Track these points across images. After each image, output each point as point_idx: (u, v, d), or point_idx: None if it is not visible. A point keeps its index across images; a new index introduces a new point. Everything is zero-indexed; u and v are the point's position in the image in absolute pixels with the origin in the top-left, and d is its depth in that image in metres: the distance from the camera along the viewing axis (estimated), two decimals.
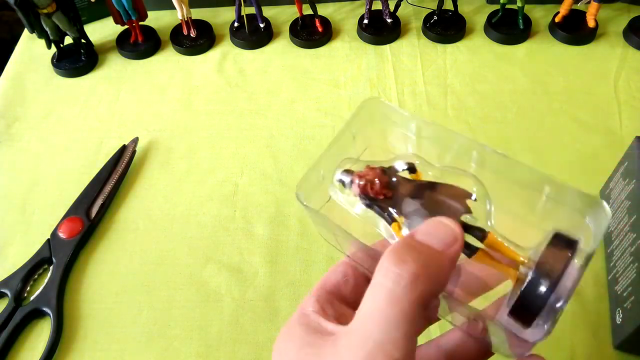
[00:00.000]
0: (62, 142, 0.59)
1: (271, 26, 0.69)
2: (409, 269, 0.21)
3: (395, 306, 0.20)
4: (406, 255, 0.21)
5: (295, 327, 0.25)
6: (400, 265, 0.21)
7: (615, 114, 0.57)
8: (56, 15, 0.61)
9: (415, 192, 0.26)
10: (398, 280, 0.21)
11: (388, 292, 0.21)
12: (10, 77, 0.67)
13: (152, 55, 0.68)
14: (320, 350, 0.22)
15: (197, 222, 0.52)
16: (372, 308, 0.21)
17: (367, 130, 0.31)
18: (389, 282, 0.21)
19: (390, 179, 0.27)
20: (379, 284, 0.21)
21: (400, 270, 0.21)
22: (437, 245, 0.22)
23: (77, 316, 0.46)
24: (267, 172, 0.55)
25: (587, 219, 0.24)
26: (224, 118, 0.60)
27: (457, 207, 0.25)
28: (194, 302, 0.46)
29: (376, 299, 0.21)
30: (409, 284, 0.21)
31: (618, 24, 0.67)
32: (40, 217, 0.53)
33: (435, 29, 0.67)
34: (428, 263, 0.22)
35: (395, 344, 0.20)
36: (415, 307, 0.21)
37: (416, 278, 0.21)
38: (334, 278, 0.27)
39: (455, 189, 0.26)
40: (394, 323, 0.20)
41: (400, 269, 0.21)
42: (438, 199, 0.26)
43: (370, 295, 0.21)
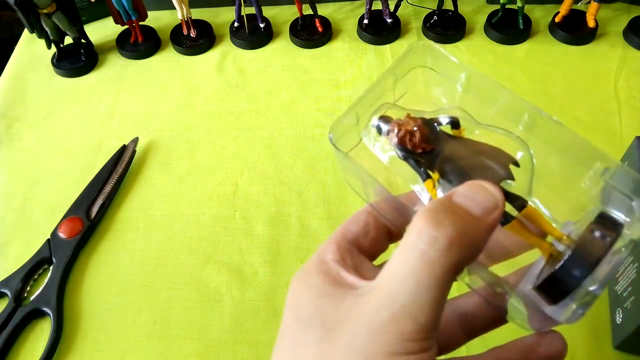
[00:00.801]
0: (62, 142, 0.59)
1: (271, 26, 0.69)
2: (446, 233, 0.20)
3: (428, 270, 0.19)
4: (443, 218, 0.20)
5: (312, 274, 0.23)
6: (436, 228, 0.20)
7: (615, 114, 0.57)
8: (56, 15, 0.61)
9: (456, 150, 0.24)
10: (433, 243, 0.20)
11: (421, 255, 0.20)
12: (10, 77, 0.67)
13: (152, 55, 0.68)
14: (340, 303, 0.21)
15: (197, 222, 0.52)
16: (402, 268, 0.20)
17: (409, 74, 0.28)
18: (423, 244, 0.20)
19: (431, 132, 0.25)
20: (412, 245, 0.20)
21: (436, 233, 0.20)
22: (477, 210, 0.21)
23: (77, 316, 0.46)
24: (267, 172, 0.55)
25: (635, 203, 0.23)
26: (224, 118, 0.60)
27: (499, 171, 0.23)
28: (194, 302, 0.46)
29: (407, 260, 0.20)
30: (445, 249, 0.20)
31: (618, 24, 0.67)
32: (40, 217, 0.53)
33: (435, 29, 0.67)
34: (465, 229, 0.20)
35: (422, 308, 0.19)
36: (448, 273, 0.20)
37: (452, 243, 0.20)
38: (355, 227, 0.26)
39: (499, 152, 0.24)
40: (424, 287, 0.19)
41: (436, 231, 0.20)
42: (479, 160, 0.24)
43: (401, 255, 0.20)
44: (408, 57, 0.28)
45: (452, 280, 0.20)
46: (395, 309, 0.20)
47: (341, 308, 0.21)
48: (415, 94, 0.29)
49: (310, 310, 0.22)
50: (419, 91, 0.29)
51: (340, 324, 0.21)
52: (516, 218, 0.24)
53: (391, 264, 0.21)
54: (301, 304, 0.23)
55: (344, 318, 0.21)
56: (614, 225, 0.22)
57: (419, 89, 0.29)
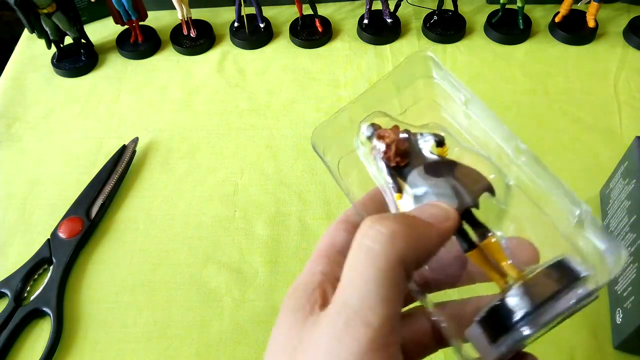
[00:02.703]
0: (62, 142, 0.59)
1: (271, 26, 0.69)
2: (388, 225, 0.20)
3: (374, 265, 0.19)
4: (386, 216, 0.20)
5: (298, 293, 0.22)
6: (379, 222, 0.20)
7: (615, 114, 0.57)
8: (56, 15, 0.61)
9: (433, 168, 0.24)
10: (377, 237, 0.19)
11: (366, 251, 0.19)
12: (10, 77, 0.67)
13: (152, 55, 0.68)
14: (306, 321, 0.20)
15: (197, 222, 0.52)
16: (349, 272, 0.20)
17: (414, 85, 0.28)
18: (367, 240, 0.19)
19: (411, 147, 0.25)
20: (357, 244, 0.20)
21: (379, 227, 0.19)
22: (425, 217, 0.21)
23: (77, 316, 0.46)
24: (267, 172, 0.55)
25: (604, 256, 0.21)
26: (224, 118, 0.60)
27: (464, 197, 0.23)
28: (194, 302, 0.46)
29: (354, 261, 0.20)
30: (389, 239, 0.19)
31: (618, 24, 0.67)
32: (40, 217, 0.53)
33: (435, 29, 0.67)
34: (410, 225, 0.20)
35: (373, 309, 0.18)
36: (395, 267, 0.19)
37: (395, 234, 0.19)
38: (339, 237, 0.24)
39: (475, 177, 0.24)
40: (371, 284, 0.19)
41: (379, 225, 0.20)
42: (451, 182, 0.24)
43: (349, 259, 0.20)
44: (409, 67, 0.28)
45: (402, 278, 0.19)
46: (346, 317, 0.19)
47: (303, 331, 0.20)
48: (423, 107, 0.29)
49: (279, 336, 0.21)
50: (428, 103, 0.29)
51: (302, 343, 0.20)
52: (478, 247, 0.23)
53: (343, 271, 0.20)
54: (278, 324, 0.22)
55: (306, 338, 0.20)
56: (570, 274, 0.21)
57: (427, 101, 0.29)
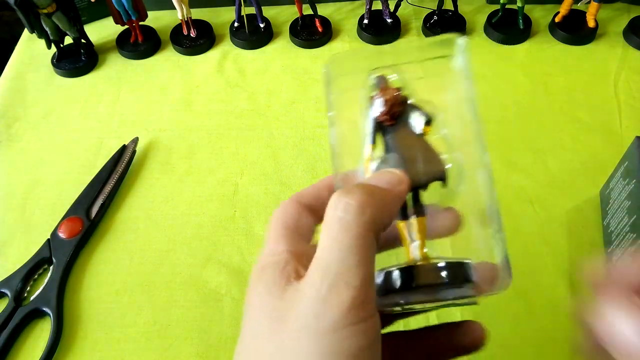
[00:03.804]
0: (62, 142, 0.59)
1: (271, 26, 0.69)
2: (356, 197, 0.22)
3: (348, 232, 0.21)
4: (354, 188, 0.23)
5: (266, 269, 0.24)
6: (347, 195, 0.22)
7: (615, 114, 0.57)
8: (56, 15, 0.61)
9: (407, 139, 0.26)
10: (347, 208, 0.22)
11: (339, 221, 0.21)
12: (10, 77, 0.67)
13: (152, 55, 0.68)
14: (284, 293, 0.22)
15: (197, 222, 0.52)
16: (327, 241, 0.22)
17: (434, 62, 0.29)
18: (339, 212, 0.22)
19: (403, 113, 0.27)
20: (330, 216, 0.22)
21: (348, 199, 0.22)
22: (383, 184, 0.24)
23: (77, 316, 0.46)
24: (267, 172, 0.55)
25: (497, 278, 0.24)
26: (224, 118, 0.60)
27: (420, 176, 0.25)
28: (194, 302, 0.46)
29: (329, 231, 0.22)
30: (358, 209, 0.22)
31: (618, 24, 0.67)
32: (40, 217, 0.53)
33: (435, 29, 0.67)
34: (374, 193, 0.23)
35: (352, 270, 0.21)
36: (367, 231, 0.21)
37: (364, 204, 0.22)
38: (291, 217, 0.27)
39: (435, 162, 0.26)
40: (348, 249, 0.21)
41: (347, 197, 0.22)
42: (416, 158, 0.26)
43: (324, 230, 0.22)
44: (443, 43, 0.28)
45: (373, 241, 0.22)
46: (331, 280, 0.21)
47: (285, 297, 0.22)
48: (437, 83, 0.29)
49: (259, 307, 0.23)
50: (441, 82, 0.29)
51: (286, 310, 0.21)
52: (408, 220, 0.26)
53: (319, 242, 0.22)
54: (253, 302, 0.23)
55: (288, 305, 0.22)
56: (461, 275, 0.23)
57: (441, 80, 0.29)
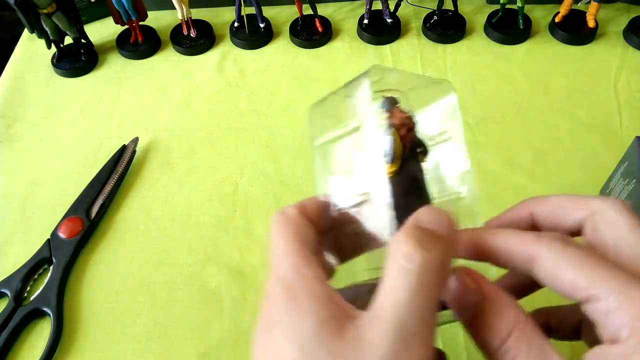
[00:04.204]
0: (62, 142, 0.59)
1: (271, 26, 0.69)
2: (436, 255, 0.21)
3: (427, 293, 0.21)
4: (428, 242, 0.21)
5: (302, 296, 0.22)
6: (428, 252, 0.21)
7: (615, 114, 0.57)
8: (56, 15, 0.61)
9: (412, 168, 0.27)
10: (427, 267, 0.21)
11: (419, 279, 0.20)
12: (10, 77, 0.67)
13: (152, 55, 0.68)
14: (342, 333, 0.21)
15: (197, 222, 0.52)
16: (402, 294, 0.20)
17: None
18: (418, 268, 0.21)
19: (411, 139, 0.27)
20: (406, 270, 0.21)
21: (428, 257, 0.21)
22: (445, 232, 0.23)
23: (77, 316, 0.46)
24: (267, 172, 0.55)
25: None
26: (224, 118, 0.60)
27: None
28: (194, 302, 0.46)
29: (406, 286, 0.20)
30: (437, 270, 0.21)
31: (618, 24, 0.67)
32: (40, 217, 0.53)
33: (435, 29, 0.67)
34: (446, 249, 0.22)
35: (428, 330, 0.20)
36: (439, 292, 0.21)
37: (443, 264, 0.21)
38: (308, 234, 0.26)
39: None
40: (427, 310, 0.20)
41: (429, 255, 0.21)
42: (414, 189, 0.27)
43: (397, 281, 0.21)
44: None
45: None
46: (407, 337, 0.20)
47: (345, 340, 0.21)
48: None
49: (312, 340, 0.21)
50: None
51: (351, 354, 0.20)
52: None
53: (388, 291, 0.21)
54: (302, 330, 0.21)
55: (352, 350, 0.20)
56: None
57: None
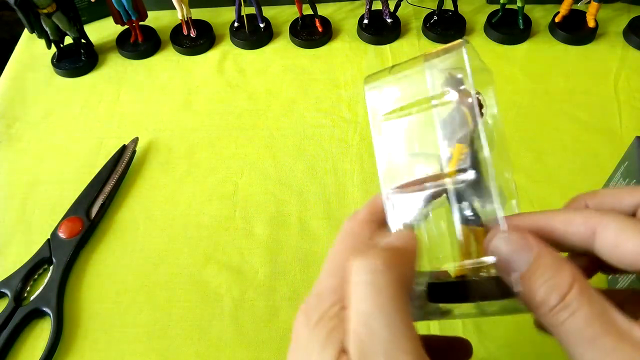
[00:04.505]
0: (62, 142, 0.59)
1: (271, 26, 0.69)
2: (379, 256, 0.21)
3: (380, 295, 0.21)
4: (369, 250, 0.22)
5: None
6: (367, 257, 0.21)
7: (615, 114, 0.57)
8: (56, 15, 0.61)
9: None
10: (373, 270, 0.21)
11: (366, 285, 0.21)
12: (10, 77, 0.67)
13: (152, 55, 0.68)
14: None
15: (197, 222, 0.52)
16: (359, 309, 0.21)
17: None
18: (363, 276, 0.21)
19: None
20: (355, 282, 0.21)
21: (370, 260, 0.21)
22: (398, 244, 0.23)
23: (77, 316, 0.46)
24: (267, 172, 0.55)
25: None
26: (224, 118, 0.60)
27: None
28: (194, 302, 0.46)
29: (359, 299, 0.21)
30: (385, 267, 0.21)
31: (618, 24, 0.67)
32: (40, 217, 0.53)
33: (435, 29, 0.67)
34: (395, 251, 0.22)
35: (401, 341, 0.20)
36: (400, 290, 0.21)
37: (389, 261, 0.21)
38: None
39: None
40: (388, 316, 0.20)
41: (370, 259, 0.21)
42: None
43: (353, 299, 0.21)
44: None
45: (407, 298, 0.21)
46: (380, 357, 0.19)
47: None
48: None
49: None
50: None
51: None
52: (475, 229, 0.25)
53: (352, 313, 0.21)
54: None
55: None
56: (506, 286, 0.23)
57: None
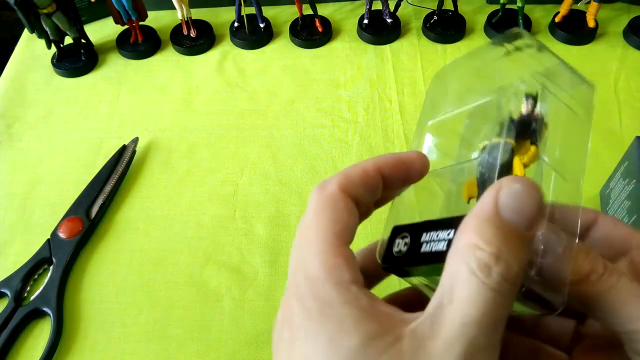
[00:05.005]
0: (62, 142, 0.59)
1: (271, 26, 0.69)
2: (517, 269, 0.18)
3: (503, 310, 0.18)
4: (509, 252, 0.18)
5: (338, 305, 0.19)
6: (507, 267, 0.18)
7: (615, 114, 0.57)
8: (56, 15, 0.61)
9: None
10: (506, 285, 0.18)
11: (495, 297, 0.18)
12: (10, 77, 0.67)
13: (152, 55, 0.68)
14: (397, 344, 0.18)
15: (197, 222, 0.52)
16: (474, 313, 0.18)
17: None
18: (496, 286, 0.18)
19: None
20: (481, 285, 0.18)
21: (508, 274, 0.18)
22: (524, 226, 0.19)
23: (77, 316, 0.46)
24: (267, 172, 0.55)
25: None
26: (224, 118, 0.60)
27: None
28: (194, 302, 0.46)
29: (479, 304, 0.18)
30: (517, 283, 0.18)
31: (618, 24, 0.67)
32: (40, 217, 0.53)
33: (435, 29, 0.67)
34: (528, 253, 0.19)
35: (499, 342, 0.18)
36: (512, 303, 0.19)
37: (521, 274, 0.18)
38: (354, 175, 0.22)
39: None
40: (499, 326, 0.18)
41: (507, 272, 0.18)
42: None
43: (469, 295, 0.18)
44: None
45: None
46: (475, 353, 0.18)
47: (404, 352, 0.18)
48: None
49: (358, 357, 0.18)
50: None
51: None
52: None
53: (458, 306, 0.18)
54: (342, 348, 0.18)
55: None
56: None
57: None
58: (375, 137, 0.57)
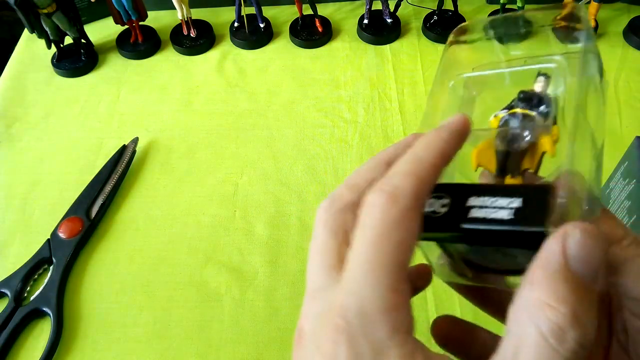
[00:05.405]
0: (62, 142, 0.59)
1: (271, 26, 0.69)
2: (591, 329, 0.16)
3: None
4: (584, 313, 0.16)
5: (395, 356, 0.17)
6: (583, 331, 0.16)
7: (615, 114, 0.57)
8: (56, 15, 0.61)
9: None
10: (580, 350, 0.16)
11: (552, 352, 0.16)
12: (10, 77, 0.67)
13: (152, 55, 0.68)
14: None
15: (197, 222, 0.52)
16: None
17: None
18: (569, 354, 0.16)
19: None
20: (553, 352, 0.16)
21: (583, 339, 0.16)
22: (591, 279, 0.17)
23: (77, 316, 0.46)
24: (267, 172, 0.55)
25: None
26: (224, 118, 0.60)
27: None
28: (194, 302, 0.46)
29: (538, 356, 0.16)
30: (585, 355, 0.16)
31: (618, 24, 0.67)
32: (40, 217, 0.53)
33: (435, 29, 0.67)
34: (596, 319, 0.17)
35: None
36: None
37: (590, 346, 0.16)
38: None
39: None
40: None
41: (583, 336, 0.16)
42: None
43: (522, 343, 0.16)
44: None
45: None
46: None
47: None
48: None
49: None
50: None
51: None
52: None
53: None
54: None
55: None
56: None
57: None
58: (376, 137, 0.57)
